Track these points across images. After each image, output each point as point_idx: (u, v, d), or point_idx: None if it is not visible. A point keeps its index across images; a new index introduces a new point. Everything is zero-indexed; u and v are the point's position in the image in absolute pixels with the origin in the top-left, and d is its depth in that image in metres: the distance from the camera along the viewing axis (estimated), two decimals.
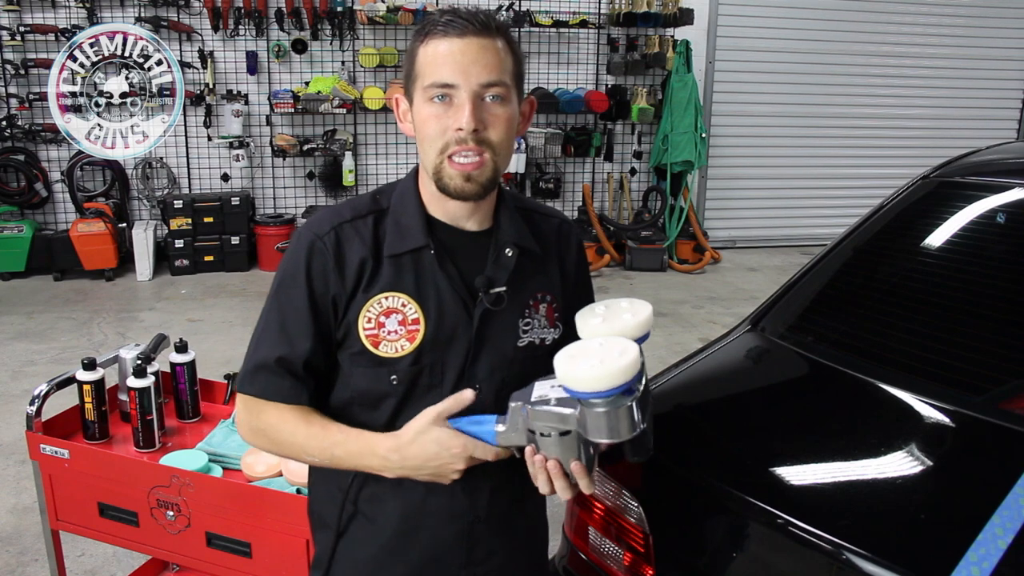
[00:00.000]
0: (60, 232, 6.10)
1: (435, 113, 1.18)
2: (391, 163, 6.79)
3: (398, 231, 1.25)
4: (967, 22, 7.70)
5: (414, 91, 1.21)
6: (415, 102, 1.21)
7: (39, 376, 4.12)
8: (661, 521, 1.53)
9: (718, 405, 1.87)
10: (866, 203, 2.42)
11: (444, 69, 1.16)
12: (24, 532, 2.95)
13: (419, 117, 1.20)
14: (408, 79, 1.23)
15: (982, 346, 1.73)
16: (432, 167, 1.21)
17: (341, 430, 1.22)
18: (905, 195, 2.13)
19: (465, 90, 1.16)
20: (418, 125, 1.21)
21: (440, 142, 1.18)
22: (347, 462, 1.22)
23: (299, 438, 1.22)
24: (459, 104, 1.16)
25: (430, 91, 1.17)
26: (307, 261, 1.23)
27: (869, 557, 1.22)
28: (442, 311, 1.23)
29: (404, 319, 1.22)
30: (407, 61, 1.23)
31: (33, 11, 5.97)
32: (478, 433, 1.16)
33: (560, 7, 6.76)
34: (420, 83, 1.19)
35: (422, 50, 1.19)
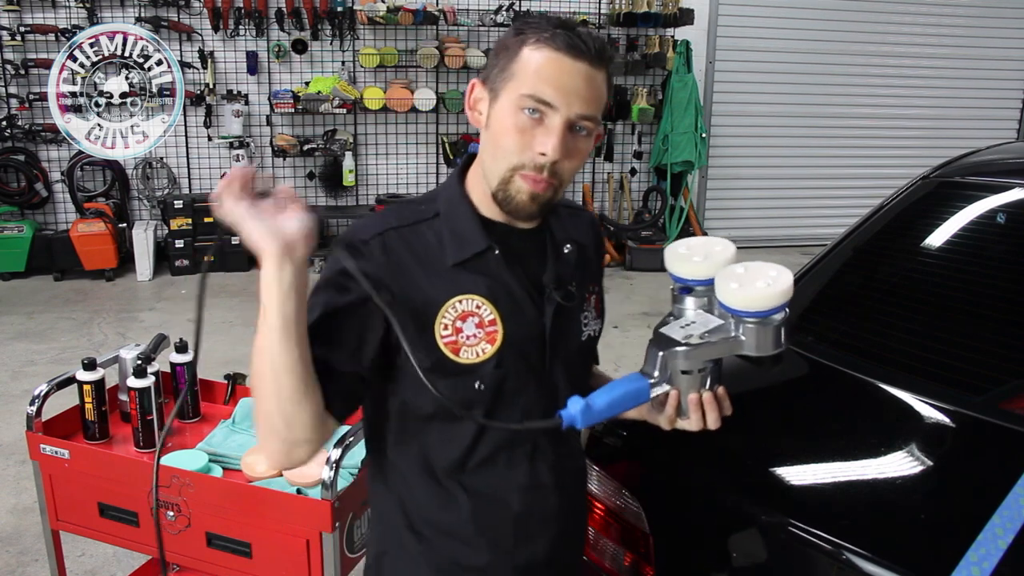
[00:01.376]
0: (60, 232, 6.10)
1: (522, 126, 1.11)
2: (391, 163, 6.80)
3: (456, 238, 1.18)
4: (967, 22, 7.70)
5: (502, 89, 1.13)
6: (501, 101, 1.14)
7: (39, 376, 4.12)
8: (661, 521, 1.53)
9: None
10: (866, 203, 2.42)
11: (548, 87, 1.10)
12: (24, 532, 2.95)
13: (502, 122, 1.13)
14: (499, 72, 1.14)
15: (982, 346, 1.73)
16: (499, 177, 1.15)
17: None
18: (905, 195, 2.13)
19: (561, 116, 1.10)
20: (497, 129, 1.14)
21: (517, 158, 1.12)
22: (273, 337, 1.04)
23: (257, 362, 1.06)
24: (550, 127, 1.11)
25: (525, 101, 1.11)
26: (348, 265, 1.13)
27: (869, 557, 1.22)
28: (516, 311, 1.19)
29: (481, 321, 1.17)
30: (504, 55, 1.14)
31: (33, 11, 5.98)
32: (624, 398, 1.14)
33: (560, 7, 6.76)
34: (516, 86, 1.12)
35: (529, 53, 1.11)
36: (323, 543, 1.71)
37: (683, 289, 1.19)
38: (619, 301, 5.89)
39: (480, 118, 1.19)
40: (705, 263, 1.16)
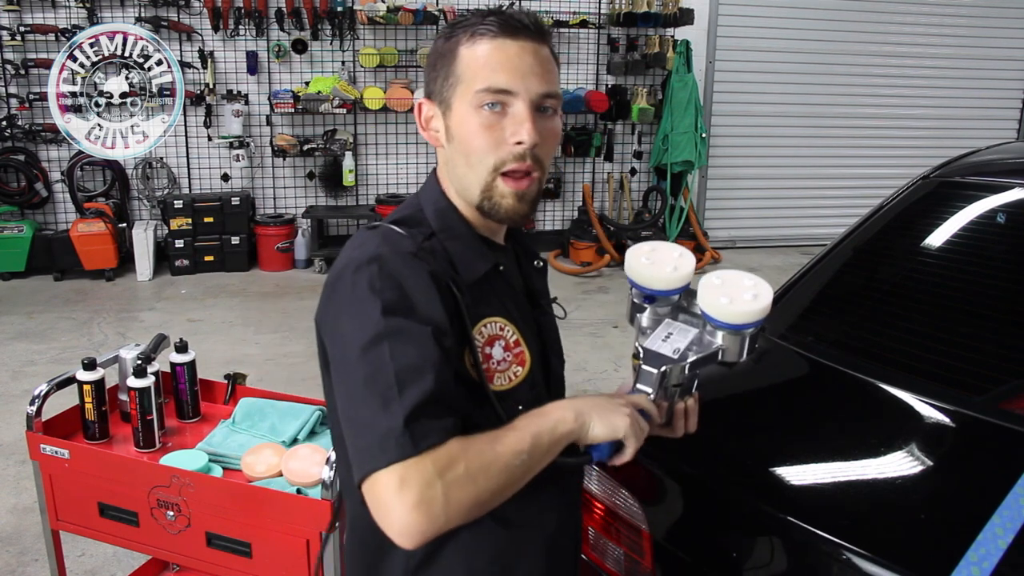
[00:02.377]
0: (60, 232, 6.10)
1: (487, 123, 1.06)
2: (391, 163, 6.80)
3: (466, 254, 1.11)
4: (967, 22, 7.70)
5: (452, 97, 1.08)
6: (455, 109, 1.08)
7: (39, 376, 4.12)
8: (661, 521, 1.53)
9: (718, 405, 1.86)
10: (866, 203, 2.42)
11: (500, 74, 1.04)
12: (24, 532, 2.95)
13: (465, 128, 1.07)
14: (443, 82, 1.09)
15: (982, 346, 1.73)
16: (481, 184, 1.08)
17: (519, 422, 1.02)
18: (905, 195, 2.13)
19: (524, 99, 1.05)
20: (462, 136, 1.08)
21: (493, 157, 1.06)
22: (543, 442, 1.00)
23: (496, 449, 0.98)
24: (516, 115, 1.06)
25: (482, 97, 1.05)
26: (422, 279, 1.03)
27: (869, 557, 1.22)
28: (526, 329, 1.15)
29: (507, 344, 1.11)
30: (441, 63, 1.09)
31: (33, 11, 5.97)
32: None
33: (560, 7, 6.76)
34: (466, 88, 1.06)
35: (466, 51, 1.06)
36: (323, 543, 1.71)
37: (647, 298, 1.19)
38: (619, 301, 5.89)
39: (438, 136, 1.13)
40: (675, 275, 1.16)
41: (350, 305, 1.01)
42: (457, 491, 0.93)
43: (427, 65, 1.14)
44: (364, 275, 1.01)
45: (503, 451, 0.98)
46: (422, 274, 1.02)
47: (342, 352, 1.02)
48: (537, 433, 1.01)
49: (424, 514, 0.91)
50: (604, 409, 1.05)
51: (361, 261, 1.03)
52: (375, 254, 1.03)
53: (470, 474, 0.94)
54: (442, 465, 0.93)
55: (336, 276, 1.06)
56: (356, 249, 1.06)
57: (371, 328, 0.98)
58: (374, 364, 0.97)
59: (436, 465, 0.93)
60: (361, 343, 0.98)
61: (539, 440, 1.01)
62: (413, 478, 0.91)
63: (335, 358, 1.05)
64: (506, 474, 0.98)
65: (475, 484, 0.95)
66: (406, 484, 0.91)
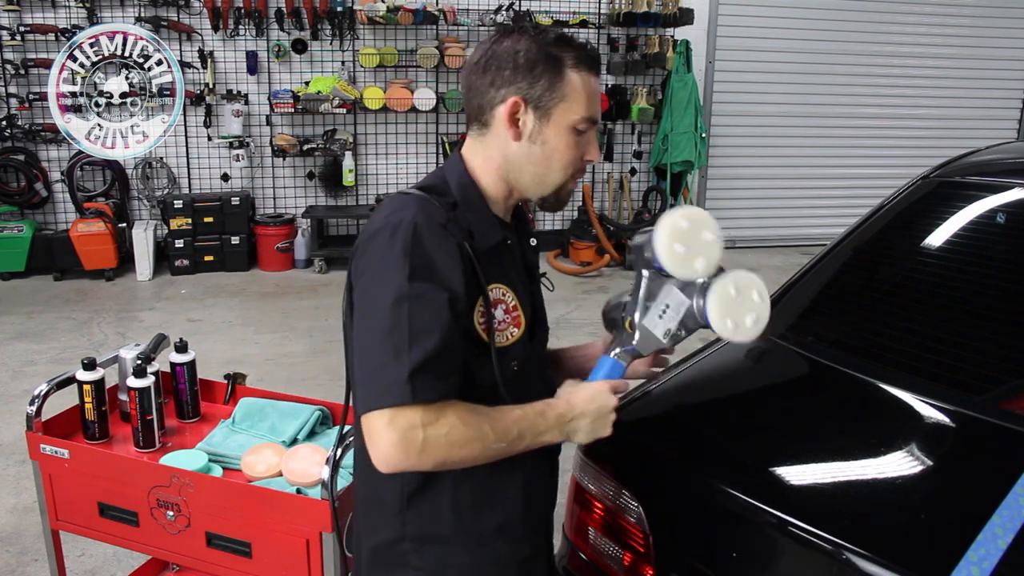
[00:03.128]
0: (60, 232, 6.10)
1: (575, 143, 1.28)
2: (391, 163, 6.80)
3: (481, 225, 1.28)
4: (966, 22, 7.70)
5: (554, 110, 1.25)
6: (554, 122, 1.26)
7: (39, 376, 4.12)
8: (661, 521, 1.53)
9: (718, 405, 1.87)
10: (866, 203, 2.42)
11: (595, 107, 1.28)
12: (24, 532, 2.95)
13: (558, 142, 1.27)
14: (546, 92, 1.25)
15: (982, 346, 1.73)
16: (556, 185, 1.31)
17: (512, 409, 1.22)
18: (905, 195, 2.13)
19: (597, 127, 1.31)
20: (554, 146, 1.27)
21: (572, 168, 1.30)
22: (524, 441, 1.22)
23: (483, 429, 1.17)
24: (591, 139, 1.30)
25: (584, 124, 1.27)
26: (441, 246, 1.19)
27: (869, 557, 1.22)
28: (524, 297, 1.32)
29: (507, 307, 1.29)
30: (544, 73, 1.24)
31: (33, 11, 5.97)
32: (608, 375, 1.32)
33: (560, 7, 6.76)
34: (568, 108, 1.25)
35: (574, 76, 1.25)
36: (323, 543, 1.71)
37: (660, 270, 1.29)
38: None
39: (523, 132, 1.27)
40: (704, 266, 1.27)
41: (382, 263, 1.18)
42: (433, 444, 1.13)
43: (518, 64, 1.25)
44: (399, 239, 1.17)
45: (487, 432, 1.17)
46: (449, 245, 1.19)
47: (369, 304, 1.18)
48: (522, 432, 1.21)
49: (401, 451, 1.12)
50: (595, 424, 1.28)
51: (397, 225, 1.19)
52: (410, 221, 1.18)
53: (449, 439, 1.14)
54: (429, 420, 1.13)
55: (373, 233, 1.22)
56: (394, 213, 1.21)
57: (397, 289, 1.15)
58: (394, 320, 1.14)
59: (424, 418, 1.12)
60: (387, 299, 1.15)
61: (521, 438, 1.21)
62: (400, 422, 1.12)
63: (361, 306, 1.21)
64: (480, 451, 1.18)
65: (449, 448, 1.15)
66: (393, 424, 1.12)
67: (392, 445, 1.12)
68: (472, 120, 1.33)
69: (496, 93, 1.26)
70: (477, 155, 1.32)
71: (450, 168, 1.33)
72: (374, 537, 1.34)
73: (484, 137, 1.31)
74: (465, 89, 1.32)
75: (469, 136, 1.35)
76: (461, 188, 1.30)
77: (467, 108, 1.34)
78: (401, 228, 1.18)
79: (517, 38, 1.26)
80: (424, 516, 1.29)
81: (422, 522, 1.29)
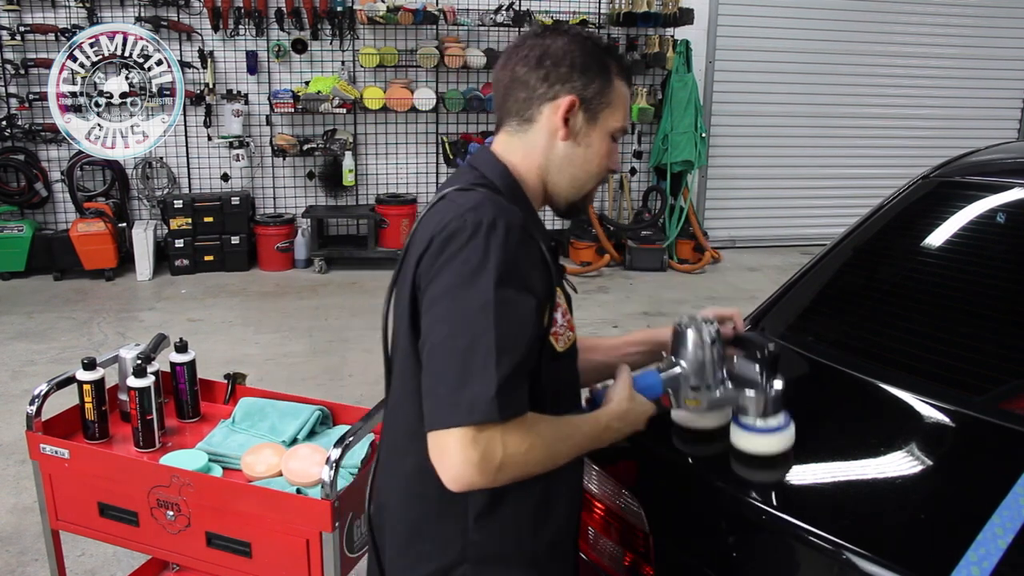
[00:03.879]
0: (60, 232, 6.10)
1: (611, 151, 1.30)
2: (391, 163, 6.80)
3: (537, 228, 1.22)
4: (967, 22, 7.70)
5: (600, 115, 1.26)
6: (599, 127, 1.27)
7: (39, 376, 4.12)
8: (661, 521, 1.53)
9: None
10: (866, 203, 2.42)
11: (628, 118, 1.32)
12: (24, 532, 2.95)
13: (599, 146, 1.28)
14: (598, 97, 1.25)
15: (982, 346, 1.73)
16: (586, 190, 1.31)
17: (570, 418, 1.23)
18: (905, 195, 2.13)
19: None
20: (595, 151, 1.28)
21: (604, 174, 1.31)
22: (583, 450, 1.24)
23: (557, 443, 1.16)
24: (617, 149, 1.32)
25: (619, 134, 1.29)
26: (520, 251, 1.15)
27: (869, 557, 1.22)
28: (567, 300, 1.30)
29: (563, 311, 1.26)
30: (597, 77, 1.25)
31: (33, 11, 5.97)
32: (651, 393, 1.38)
33: (560, 7, 6.76)
34: (612, 115, 1.27)
35: (620, 86, 1.27)
36: (323, 543, 1.71)
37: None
38: (619, 301, 5.89)
39: (570, 132, 1.26)
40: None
41: (464, 266, 1.10)
42: (511, 462, 1.09)
43: (575, 64, 1.24)
44: (483, 239, 1.10)
45: (560, 446, 1.17)
46: (532, 247, 1.15)
47: (448, 309, 1.10)
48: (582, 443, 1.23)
49: (479, 471, 1.06)
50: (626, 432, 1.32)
51: (478, 224, 1.11)
52: (493, 220, 1.12)
53: (527, 456, 1.10)
54: (509, 436, 1.08)
55: (451, 233, 1.13)
56: (471, 211, 1.14)
57: (483, 294, 1.08)
58: (480, 328, 1.07)
59: (504, 434, 1.07)
60: (472, 306, 1.08)
61: (581, 448, 1.24)
62: (482, 440, 1.06)
63: (438, 312, 1.12)
64: (551, 464, 1.17)
65: (526, 465, 1.11)
66: (476, 443, 1.05)
67: (471, 464, 1.05)
68: (510, 115, 1.28)
69: (549, 89, 1.23)
70: (515, 152, 1.27)
71: (486, 165, 1.27)
72: (426, 565, 1.23)
73: (525, 134, 1.27)
74: (508, 81, 1.26)
75: (505, 132, 1.29)
76: (509, 189, 1.24)
77: (505, 102, 1.28)
78: (483, 228, 1.11)
79: (570, 37, 1.25)
80: (488, 537, 1.21)
81: (484, 543, 1.21)
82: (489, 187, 1.21)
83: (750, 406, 1.41)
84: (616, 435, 1.30)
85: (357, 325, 5.22)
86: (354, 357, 4.69)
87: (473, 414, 1.05)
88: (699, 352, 1.39)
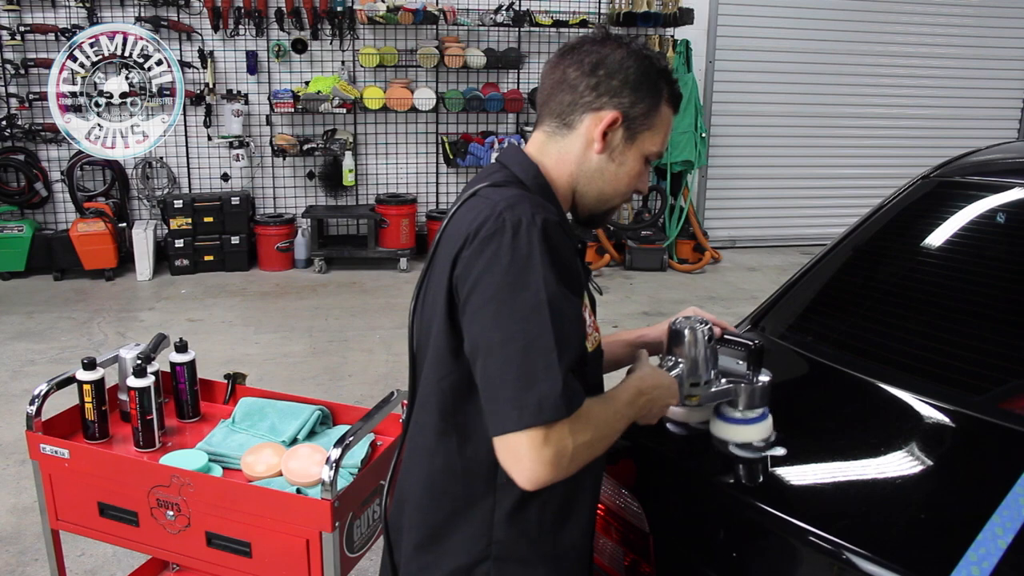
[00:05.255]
0: (60, 232, 6.10)
1: (641, 172, 1.29)
2: (391, 163, 6.80)
3: (567, 227, 1.22)
4: (967, 22, 7.70)
5: (638, 135, 1.24)
6: (636, 147, 1.25)
7: (39, 376, 4.12)
8: (661, 521, 1.53)
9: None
10: (866, 203, 2.42)
11: (667, 145, 1.30)
12: (24, 532, 2.95)
13: (633, 167, 1.27)
14: (641, 118, 1.23)
15: (982, 346, 1.73)
16: (610, 206, 1.31)
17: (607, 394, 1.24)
18: (905, 195, 2.13)
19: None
20: (627, 170, 1.26)
21: (629, 195, 1.30)
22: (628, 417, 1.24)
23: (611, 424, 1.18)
24: (647, 171, 1.31)
25: (654, 157, 1.28)
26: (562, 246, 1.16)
27: (869, 557, 1.22)
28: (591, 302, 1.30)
29: (591, 311, 1.27)
30: (646, 96, 1.23)
31: (33, 11, 5.98)
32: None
33: (560, 7, 6.76)
34: (651, 139, 1.25)
35: (666, 110, 1.26)
36: (323, 543, 1.71)
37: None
38: (619, 301, 5.89)
39: (607, 147, 1.24)
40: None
41: (512, 265, 1.09)
42: (581, 453, 1.10)
43: (628, 79, 1.22)
44: (527, 238, 1.09)
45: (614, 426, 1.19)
46: (570, 245, 1.17)
47: (497, 312, 1.09)
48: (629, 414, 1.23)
49: (554, 468, 1.07)
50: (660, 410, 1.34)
51: (518, 223, 1.10)
52: (532, 217, 1.11)
53: (591, 442, 1.12)
54: (577, 429, 1.09)
55: (492, 231, 1.11)
56: (509, 208, 1.13)
57: (535, 294, 1.08)
58: (538, 329, 1.07)
59: (573, 429, 1.08)
60: (525, 307, 1.08)
61: (628, 418, 1.23)
62: (555, 438, 1.07)
63: (487, 314, 1.10)
64: (611, 441, 1.19)
65: (592, 449, 1.13)
66: (548, 441, 1.06)
67: (546, 463, 1.06)
68: (551, 116, 1.26)
69: (597, 99, 1.22)
70: (549, 155, 1.27)
71: (517, 164, 1.26)
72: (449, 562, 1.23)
73: (563, 139, 1.26)
74: (557, 80, 1.25)
75: (542, 132, 1.28)
76: (541, 190, 1.23)
77: (549, 101, 1.26)
78: (524, 227, 1.10)
79: (630, 51, 1.23)
80: (512, 536, 1.21)
81: (508, 542, 1.21)
82: (519, 185, 1.22)
83: (741, 399, 1.46)
84: (649, 404, 1.28)
85: (357, 325, 5.22)
86: (354, 357, 4.69)
87: (543, 414, 1.05)
88: (697, 350, 1.42)
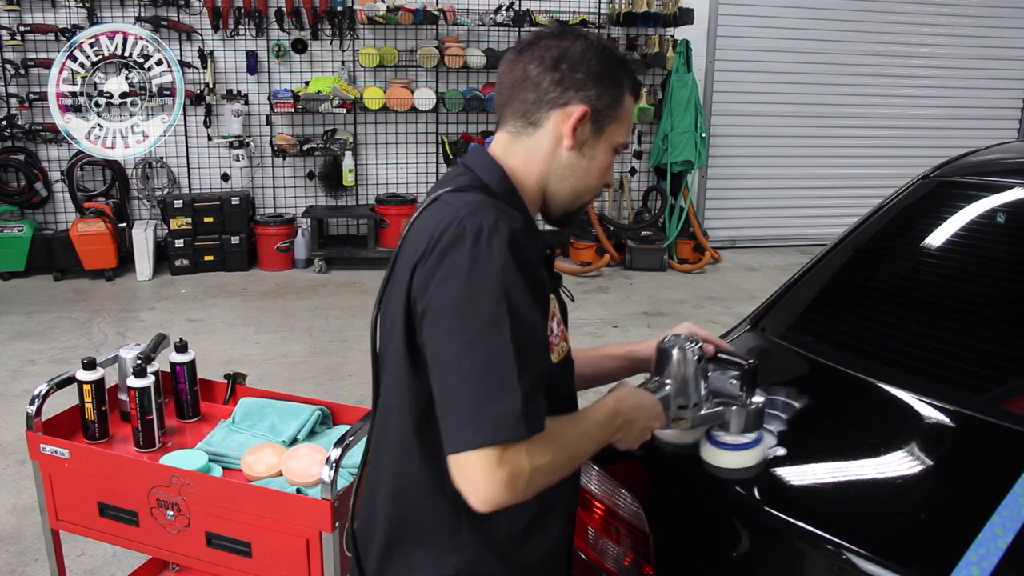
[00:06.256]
0: (60, 232, 6.10)
1: (610, 165, 1.26)
2: (391, 163, 6.80)
3: (532, 233, 1.16)
4: (967, 22, 7.70)
5: (606, 128, 1.22)
6: (604, 140, 1.23)
7: (39, 376, 4.12)
8: (661, 521, 1.53)
9: None
10: (866, 203, 2.42)
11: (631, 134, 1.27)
12: (24, 532, 2.95)
13: (601, 160, 1.24)
14: (608, 110, 1.21)
15: (982, 346, 1.73)
16: (583, 201, 1.27)
17: (580, 412, 1.20)
18: (905, 195, 2.13)
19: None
20: (597, 164, 1.24)
21: (600, 188, 1.27)
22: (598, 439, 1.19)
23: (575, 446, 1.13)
24: (614, 164, 1.29)
25: (620, 148, 1.26)
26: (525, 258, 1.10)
27: (869, 557, 1.22)
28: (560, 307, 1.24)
29: (558, 320, 1.20)
30: (609, 89, 1.20)
31: (33, 11, 5.98)
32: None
33: (560, 7, 6.76)
34: (616, 129, 1.23)
35: (628, 101, 1.24)
36: (323, 543, 1.71)
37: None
38: (619, 301, 5.89)
39: (577, 142, 1.21)
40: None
41: (471, 276, 1.04)
42: (539, 476, 1.05)
43: (591, 72, 1.19)
44: (487, 247, 1.04)
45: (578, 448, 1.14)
46: (534, 254, 1.10)
47: (457, 324, 1.04)
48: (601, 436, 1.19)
49: (508, 491, 1.01)
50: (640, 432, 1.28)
51: (479, 231, 1.05)
52: (494, 225, 1.06)
53: (552, 464, 1.06)
54: (537, 450, 1.03)
55: (452, 240, 1.06)
56: (470, 216, 1.07)
57: (495, 306, 1.02)
58: (498, 343, 1.02)
59: (531, 450, 1.03)
60: (483, 319, 1.02)
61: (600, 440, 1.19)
62: (509, 458, 1.01)
63: (446, 326, 1.05)
64: (576, 463, 1.16)
65: (553, 471, 1.08)
66: (503, 461, 1.00)
67: (499, 484, 1.00)
68: (514, 115, 1.21)
69: (562, 95, 1.18)
70: (516, 156, 1.22)
71: (481, 166, 1.21)
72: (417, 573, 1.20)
73: (529, 138, 1.21)
74: (518, 78, 1.20)
75: (506, 133, 1.23)
76: (505, 193, 1.18)
77: (510, 100, 1.21)
78: (486, 235, 1.05)
79: (589, 44, 1.19)
80: (482, 547, 1.17)
81: (478, 553, 1.17)
82: (483, 190, 1.17)
83: (732, 422, 1.40)
84: (627, 425, 1.22)
85: (357, 325, 5.22)
86: (354, 357, 4.69)
87: (499, 433, 1.00)
88: (685, 370, 1.36)
